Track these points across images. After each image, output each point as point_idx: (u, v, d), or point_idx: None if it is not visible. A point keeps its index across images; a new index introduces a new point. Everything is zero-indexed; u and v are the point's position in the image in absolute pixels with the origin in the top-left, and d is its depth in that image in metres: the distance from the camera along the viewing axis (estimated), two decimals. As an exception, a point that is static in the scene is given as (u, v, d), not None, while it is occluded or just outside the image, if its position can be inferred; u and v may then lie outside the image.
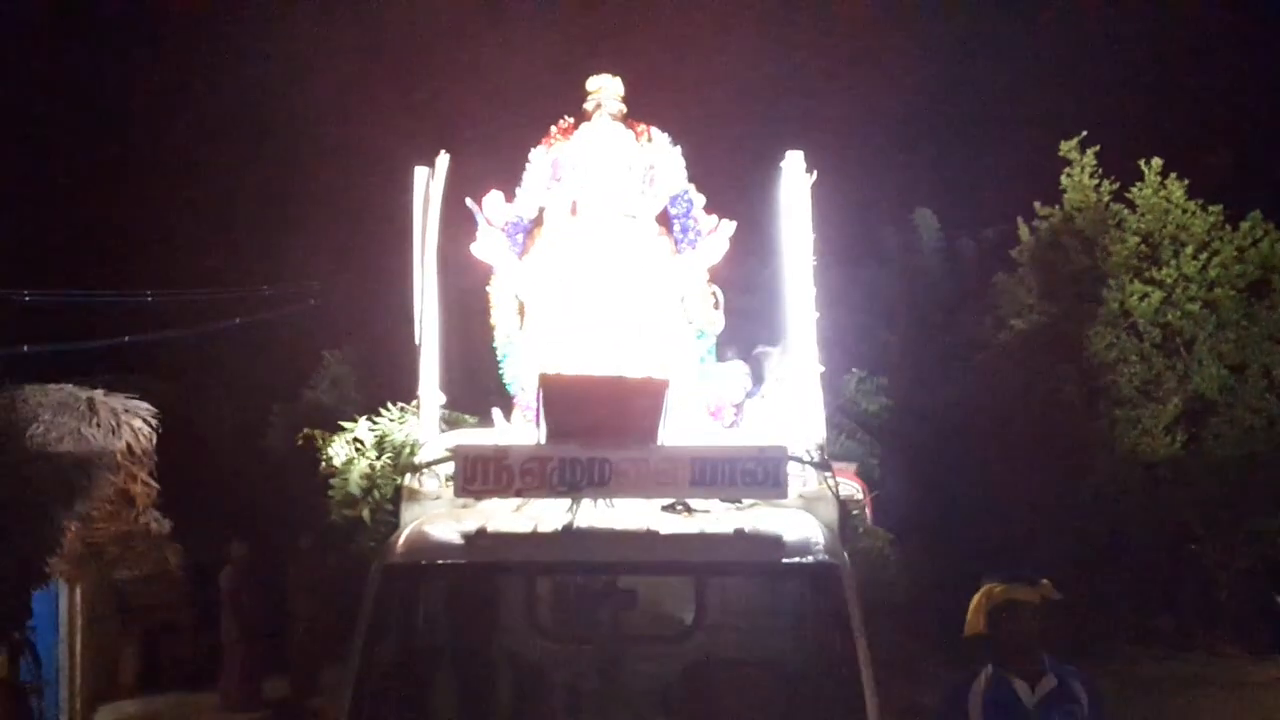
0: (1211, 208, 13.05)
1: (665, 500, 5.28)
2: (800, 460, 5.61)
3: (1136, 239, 13.18)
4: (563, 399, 5.21)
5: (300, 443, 6.07)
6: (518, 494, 5.14)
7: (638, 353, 6.28)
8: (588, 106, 6.67)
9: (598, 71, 6.70)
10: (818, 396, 5.98)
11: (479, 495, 5.21)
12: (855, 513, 5.90)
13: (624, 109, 6.69)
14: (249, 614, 11.74)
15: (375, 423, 6.22)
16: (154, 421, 10.80)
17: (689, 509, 5.34)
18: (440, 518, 5.36)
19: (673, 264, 6.51)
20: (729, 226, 6.52)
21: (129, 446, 10.60)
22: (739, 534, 5.02)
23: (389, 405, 6.29)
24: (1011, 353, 11.50)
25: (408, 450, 6.01)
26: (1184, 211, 13.06)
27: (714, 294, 6.57)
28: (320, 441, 6.09)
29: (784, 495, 5.21)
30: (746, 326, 6.94)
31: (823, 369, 5.97)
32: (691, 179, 6.64)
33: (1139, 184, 13.27)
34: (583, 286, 6.40)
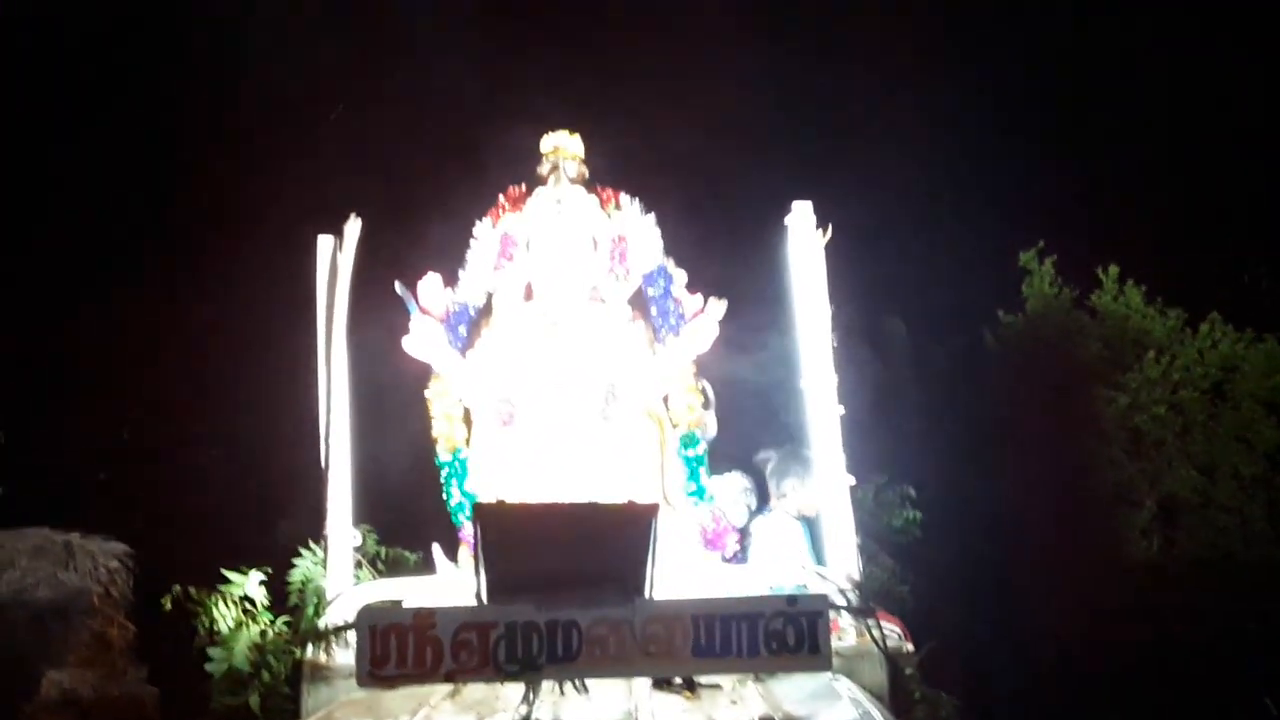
0: (1170, 311, 11.35)
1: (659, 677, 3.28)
2: (841, 608, 3.67)
3: (1099, 344, 11.43)
4: (509, 538, 3.24)
5: (168, 606, 3.92)
6: (448, 679, 3.18)
7: (613, 469, 4.37)
8: (542, 170, 4.84)
9: (553, 128, 4.86)
10: (848, 517, 4.02)
11: (392, 683, 3.12)
12: (909, 671, 3.79)
13: (585, 172, 4.87)
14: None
15: (294, 567, 4.12)
16: (129, 562, 8.98)
17: (692, 687, 3.38)
18: (349, 710, 3.42)
19: (651, 356, 4.61)
20: (718, 307, 4.61)
21: (106, 589, 8.93)
22: (771, 730, 2.99)
23: (308, 544, 4.21)
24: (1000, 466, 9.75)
25: (310, 610, 3.89)
26: (1143, 316, 11.36)
27: (704, 390, 4.64)
28: (197, 603, 3.92)
29: (828, 666, 3.19)
30: (746, 427, 4.98)
31: (853, 481, 4.04)
32: (669, 252, 4.76)
33: (1098, 291, 11.61)
34: (541, 388, 4.49)
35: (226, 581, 3.99)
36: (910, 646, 3.95)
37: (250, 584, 3.98)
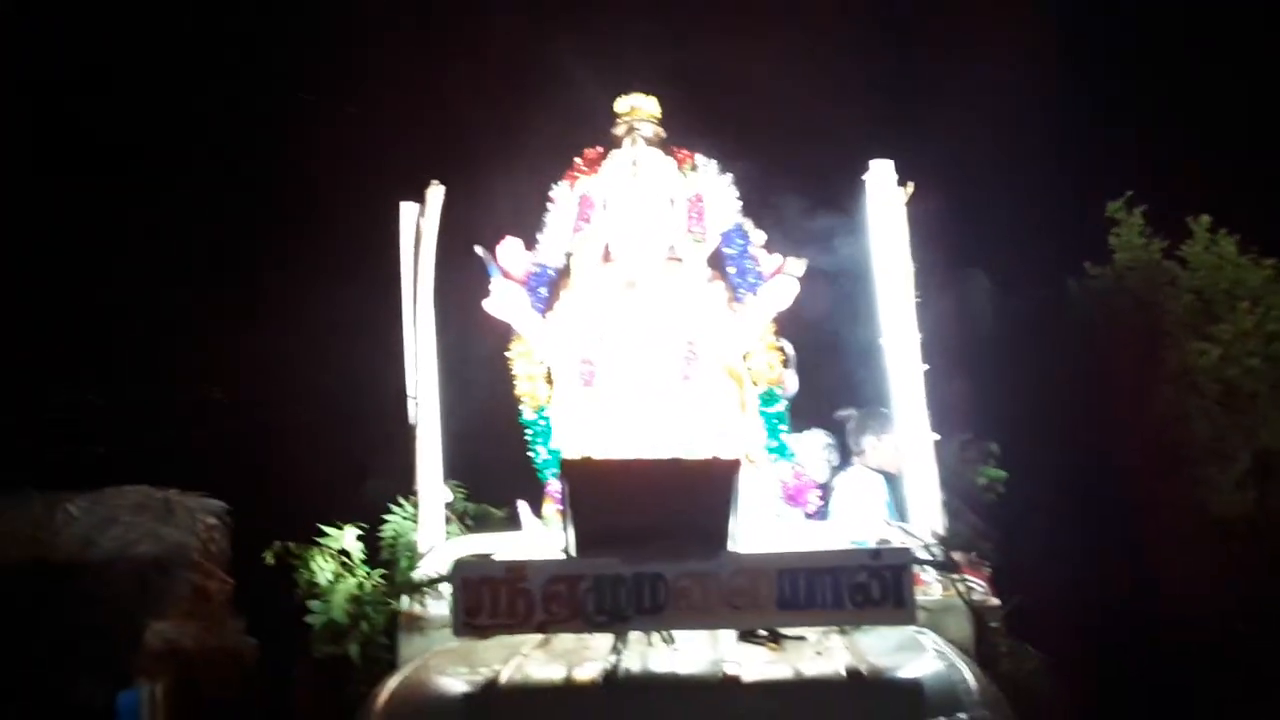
0: (1265, 261, 10.94)
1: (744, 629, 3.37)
2: (925, 562, 3.73)
3: (1191, 296, 11.08)
4: (596, 493, 3.33)
5: (270, 560, 4.10)
6: (539, 629, 3.28)
7: (694, 427, 4.44)
8: (618, 131, 4.89)
9: (629, 90, 4.90)
10: (932, 473, 4.06)
11: (485, 633, 3.25)
12: (994, 625, 3.82)
13: (662, 132, 4.90)
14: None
15: (385, 522, 4.30)
16: (227, 519, 9.39)
17: (777, 639, 3.43)
18: (444, 658, 3.51)
19: (731, 314, 4.66)
20: (797, 265, 4.64)
21: (205, 545, 9.36)
22: (855, 679, 3.11)
23: (400, 500, 4.39)
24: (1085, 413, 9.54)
25: (404, 563, 4.05)
26: (1236, 266, 10.97)
27: (783, 349, 4.69)
28: (297, 557, 4.11)
29: (913, 619, 3.25)
30: (826, 386, 5.01)
31: (936, 437, 4.08)
32: (747, 211, 4.79)
33: (1189, 241, 11.22)
34: (621, 347, 4.58)
35: (324, 536, 4.14)
36: (996, 601, 3.95)
37: (347, 539, 4.13)
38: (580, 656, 3.33)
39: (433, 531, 4.10)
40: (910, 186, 4.20)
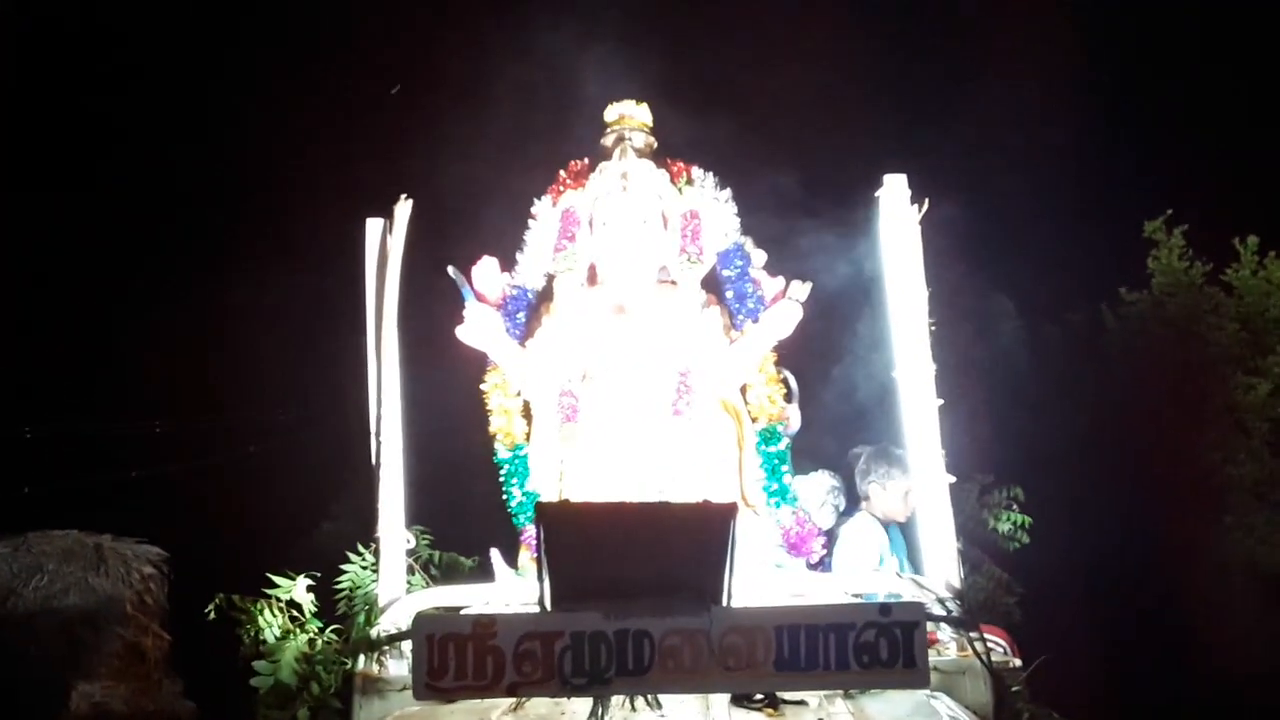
0: (1318, 287, 11.00)
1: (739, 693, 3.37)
2: (939, 618, 3.75)
3: (1236, 325, 11.09)
4: (576, 541, 3.28)
5: (212, 615, 4.08)
6: (510, 692, 3.23)
7: (686, 467, 4.44)
8: (606, 142, 4.92)
9: (619, 97, 4.93)
10: (948, 519, 4.04)
11: (450, 696, 3.26)
12: (1015, 688, 3.81)
13: (654, 143, 4.94)
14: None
15: (342, 572, 4.26)
16: (165, 568, 9.20)
17: (775, 704, 3.43)
18: None
19: (728, 343, 4.66)
20: (801, 289, 4.65)
21: (140, 597, 9.17)
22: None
23: (358, 548, 4.36)
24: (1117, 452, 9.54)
25: (362, 618, 4.04)
26: (1287, 293, 11.00)
27: (785, 381, 4.69)
28: (242, 610, 4.07)
29: (925, 681, 3.25)
30: (834, 423, 4.99)
31: (952, 479, 4.07)
32: (747, 230, 4.83)
33: (1235, 265, 11.24)
34: (607, 379, 4.58)
35: (273, 587, 4.09)
36: (1017, 661, 3.94)
37: (298, 590, 4.07)
38: (557, 723, 3.30)
39: (394, 582, 4.06)
40: (926, 203, 4.21)
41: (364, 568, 4.26)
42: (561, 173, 4.91)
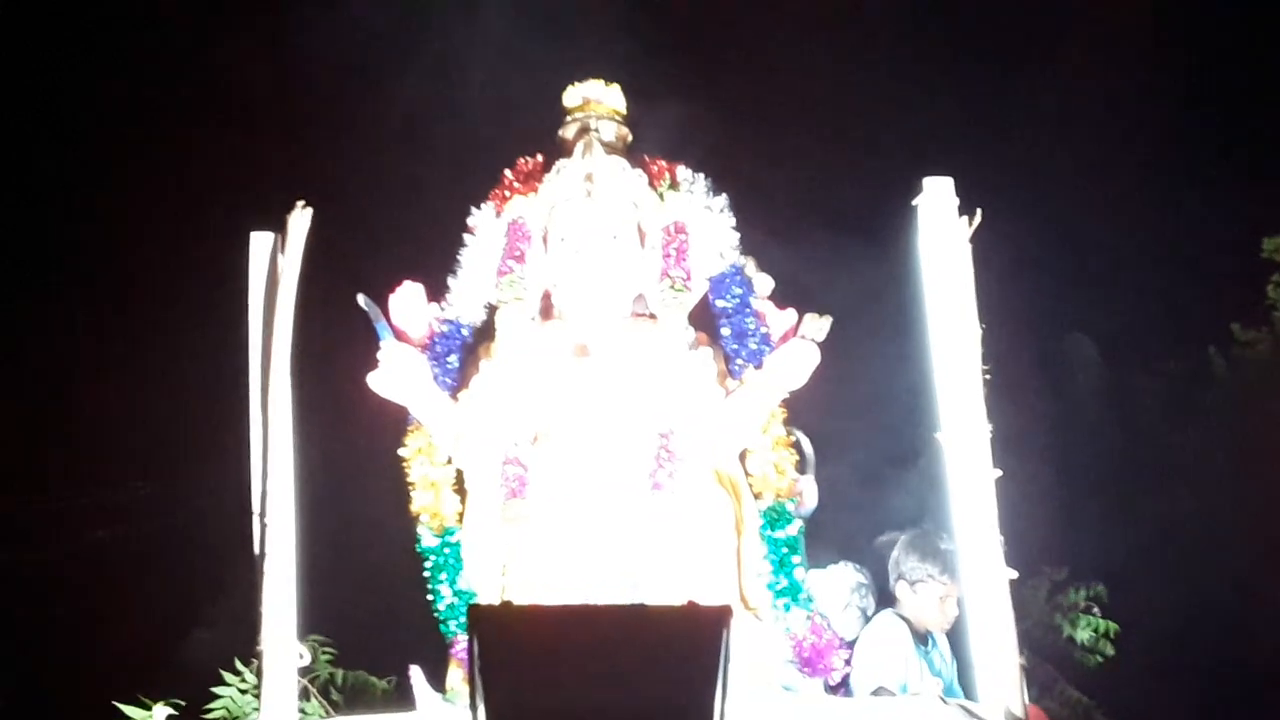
0: None
1: None
2: None
3: (1381, 368, 11.29)
4: (521, 656, 3.33)
5: None
6: None
7: (667, 558, 4.49)
8: (566, 134, 5.01)
9: (582, 77, 5.05)
10: (1008, 626, 4.05)
11: None
12: None
13: (628, 135, 5.04)
14: None
15: (215, 697, 4.38)
16: None
17: None
18: None
19: (723, 395, 4.73)
20: (819, 324, 4.73)
21: None
22: None
23: (234, 664, 4.48)
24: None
25: None
26: None
27: (798, 445, 4.77)
28: None
29: None
30: (860, 501, 5.09)
31: (1014, 574, 4.11)
32: (749, 249, 4.94)
33: (1375, 294, 11.47)
34: (566, 442, 4.64)
35: (122, 718, 4.17)
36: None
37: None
38: None
39: (281, 711, 4.05)
40: (978, 215, 4.29)
41: (243, 691, 4.35)
42: (508, 174, 4.98)
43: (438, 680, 4.48)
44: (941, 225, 4.27)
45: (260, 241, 4.41)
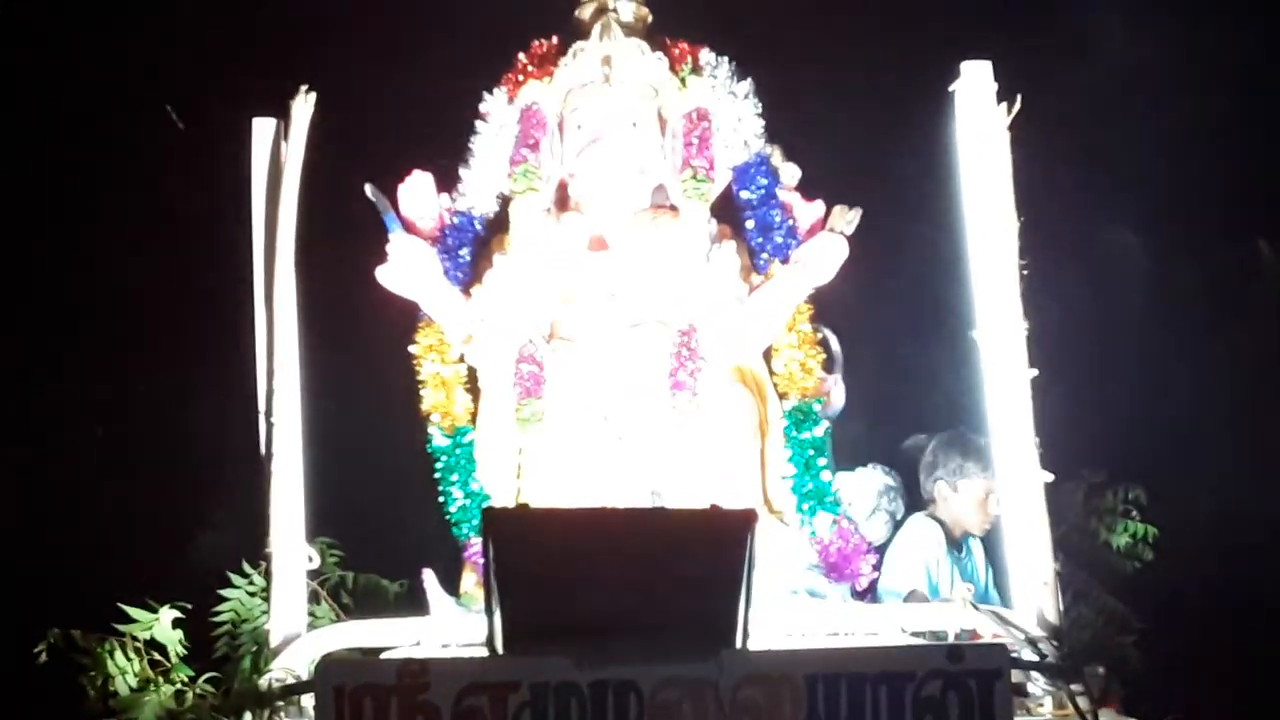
0: None
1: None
2: (1030, 665, 3.96)
3: None
4: (537, 559, 3.40)
5: (44, 657, 4.22)
6: None
7: (689, 460, 4.58)
8: (583, 15, 5.04)
9: None
10: (1043, 531, 4.21)
11: None
12: (1131, 760, 4.04)
13: (648, 16, 5.06)
14: None
15: (221, 600, 4.41)
16: None
17: None
18: None
19: (747, 290, 4.80)
20: (849, 216, 4.76)
21: None
22: None
23: (241, 567, 4.51)
24: None
25: (247, 662, 4.19)
26: None
27: (825, 343, 4.84)
28: (85, 651, 4.23)
29: None
30: (889, 401, 5.14)
31: (1050, 477, 4.25)
32: (775, 136, 4.96)
33: None
34: (583, 338, 4.73)
35: (128, 621, 4.23)
36: (1118, 724, 4.10)
37: (161, 625, 4.20)
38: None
39: (291, 615, 4.19)
40: (1018, 101, 4.31)
41: (251, 594, 4.39)
42: (521, 57, 5.01)
43: (451, 584, 4.58)
44: (979, 112, 4.31)
45: (262, 129, 4.46)
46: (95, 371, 6.29)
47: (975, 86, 4.33)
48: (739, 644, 3.35)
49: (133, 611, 4.29)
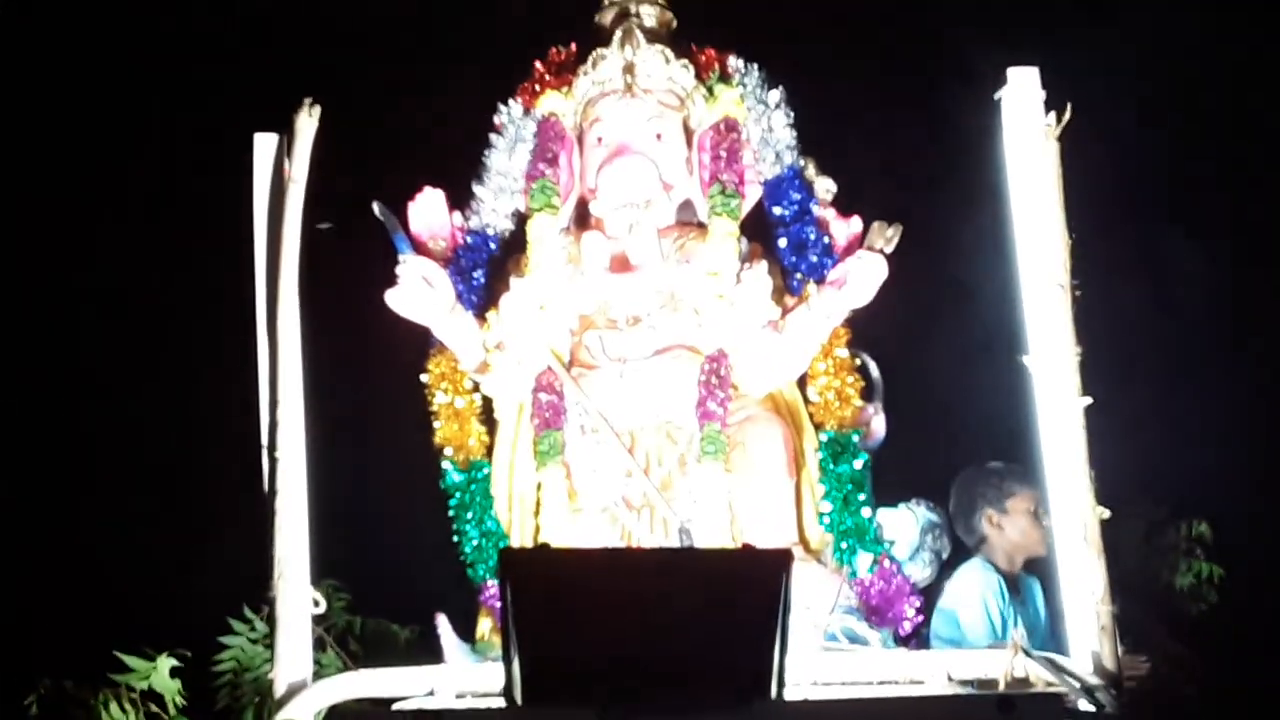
0: None
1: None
2: (1087, 716, 3.91)
3: None
4: (558, 603, 3.38)
5: (33, 708, 4.33)
6: None
7: (719, 496, 4.56)
8: (604, 20, 5.09)
9: None
10: (1099, 570, 4.11)
11: None
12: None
13: (673, 21, 5.10)
14: None
15: (222, 648, 4.49)
16: None
17: None
18: None
19: (779, 314, 4.75)
20: (889, 233, 4.73)
21: None
22: None
23: (243, 612, 4.57)
24: None
25: (250, 713, 4.31)
26: None
27: (864, 369, 4.81)
28: (79, 702, 4.34)
29: None
30: (934, 432, 5.11)
31: (1106, 514, 4.16)
32: (810, 148, 4.95)
33: None
34: (606, 366, 4.74)
35: (123, 670, 4.30)
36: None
37: (159, 674, 4.27)
38: None
39: (296, 663, 4.16)
40: (1068, 111, 4.28)
41: (253, 641, 4.45)
42: (538, 65, 5.03)
43: (466, 630, 4.57)
44: (1027, 121, 4.28)
45: (265, 144, 4.47)
46: (89, 403, 6.31)
47: (1023, 94, 4.30)
48: (774, 694, 3.33)
49: (128, 659, 4.35)
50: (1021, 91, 4.32)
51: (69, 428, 6.57)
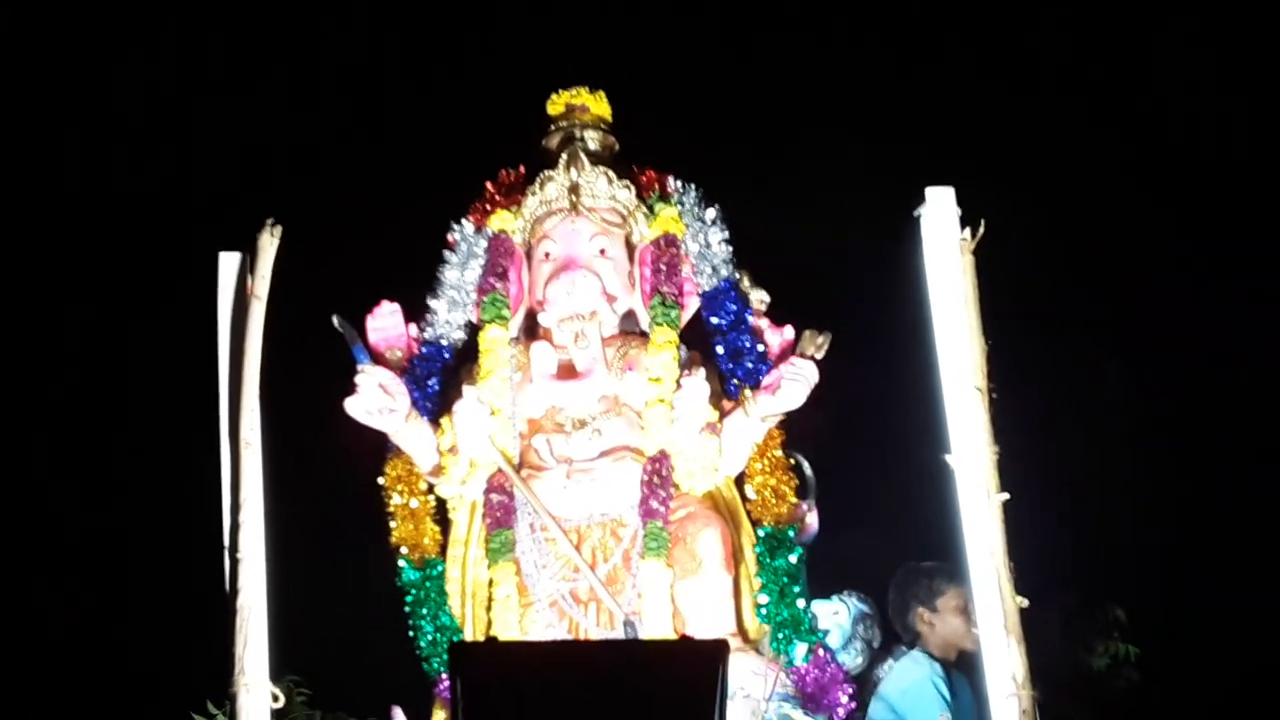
0: None
1: None
2: None
3: None
4: (506, 695, 3.36)
5: None
6: None
7: (660, 590, 4.55)
8: (550, 144, 5.13)
9: (566, 85, 5.18)
10: (1016, 658, 4.08)
11: None
12: None
13: (615, 145, 5.16)
14: None
15: None
16: None
17: None
18: None
19: (717, 417, 4.75)
20: (819, 340, 4.76)
21: None
22: None
23: (206, 708, 4.46)
24: None
25: None
26: None
27: (798, 468, 4.81)
28: None
29: None
30: (862, 526, 5.18)
31: (1025, 603, 4.13)
32: (744, 262, 5.01)
33: None
34: (553, 469, 4.73)
35: None
36: None
37: None
38: None
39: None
40: (981, 227, 4.31)
41: None
42: (489, 186, 5.07)
43: (420, 721, 4.55)
44: (944, 237, 4.29)
45: (228, 262, 4.43)
46: (54, 505, 6.24)
47: (940, 211, 4.31)
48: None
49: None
50: (939, 209, 4.32)
51: (35, 530, 6.50)
